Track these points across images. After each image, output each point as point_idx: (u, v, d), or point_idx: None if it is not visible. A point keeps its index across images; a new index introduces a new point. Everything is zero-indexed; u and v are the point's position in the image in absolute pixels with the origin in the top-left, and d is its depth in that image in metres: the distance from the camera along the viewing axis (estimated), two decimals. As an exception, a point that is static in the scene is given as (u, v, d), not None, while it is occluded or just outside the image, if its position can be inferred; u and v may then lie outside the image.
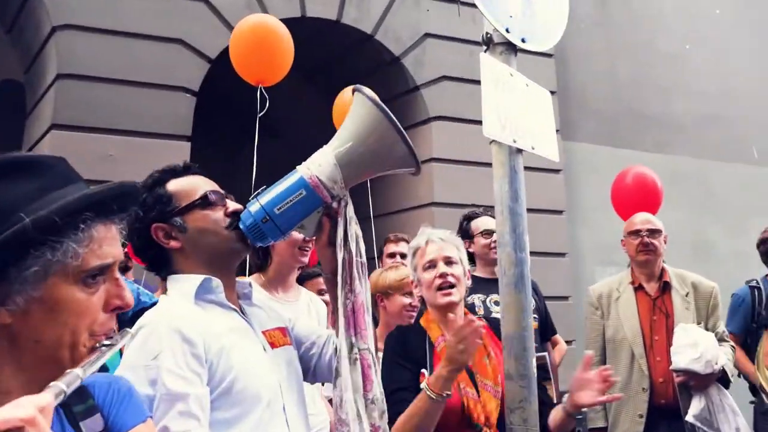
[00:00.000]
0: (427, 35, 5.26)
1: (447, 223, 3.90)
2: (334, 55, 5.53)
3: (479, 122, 1.51)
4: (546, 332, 3.05)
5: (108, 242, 0.77)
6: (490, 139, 1.62)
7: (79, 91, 4.31)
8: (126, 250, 1.57)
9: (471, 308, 2.74)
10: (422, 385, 1.62)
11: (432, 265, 1.84)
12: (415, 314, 2.39)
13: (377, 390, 1.23)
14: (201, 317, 1.16)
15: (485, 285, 2.83)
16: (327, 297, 2.02)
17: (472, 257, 2.99)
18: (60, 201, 0.73)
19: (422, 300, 1.90)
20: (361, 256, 1.27)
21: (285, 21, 3.65)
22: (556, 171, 5.64)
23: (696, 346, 2.52)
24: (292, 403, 1.24)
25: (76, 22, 4.34)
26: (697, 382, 2.55)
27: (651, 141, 6.47)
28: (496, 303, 2.74)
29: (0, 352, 0.73)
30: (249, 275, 2.27)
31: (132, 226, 1.21)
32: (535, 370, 1.55)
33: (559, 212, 5.64)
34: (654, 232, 2.82)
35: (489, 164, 1.70)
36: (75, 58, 4.32)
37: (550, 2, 1.81)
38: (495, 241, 2.58)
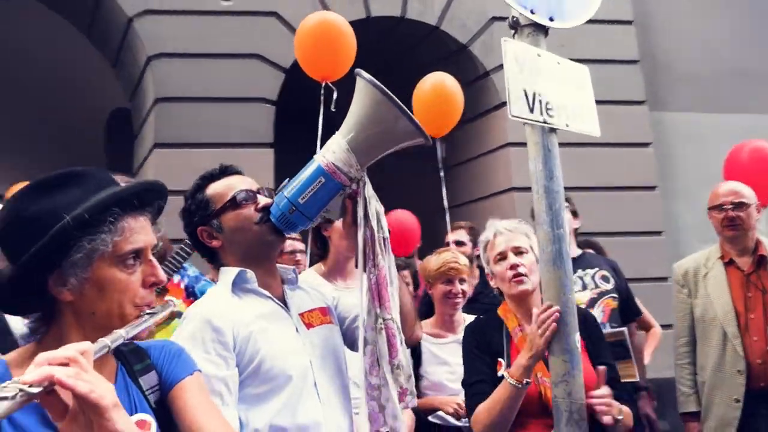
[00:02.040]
0: (494, 19, 5.18)
1: (528, 207, 3.85)
2: (401, 51, 5.61)
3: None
4: (628, 314, 2.94)
5: (137, 231, 0.95)
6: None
7: (175, 111, 4.75)
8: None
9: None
10: (502, 374, 1.69)
11: (502, 257, 1.88)
12: (459, 302, 2.45)
13: (402, 356, 1.33)
14: (234, 307, 1.32)
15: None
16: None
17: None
18: (92, 201, 0.92)
19: (500, 291, 1.95)
20: (383, 232, 1.36)
21: (351, 24, 3.81)
22: (645, 145, 5.34)
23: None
24: (325, 379, 1.36)
25: (167, 51, 4.80)
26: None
27: (759, 102, 5.88)
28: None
29: (68, 324, 0.94)
30: (311, 265, 2.42)
31: (185, 230, 1.40)
32: (578, 345, 1.54)
33: (652, 188, 5.32)
34: (740, 206, 2.62)
35: (567, 144, 1.71)
36: (169, 82, 4.77)
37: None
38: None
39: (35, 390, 0.70)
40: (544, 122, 1.61)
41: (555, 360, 1.54)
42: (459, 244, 3.43)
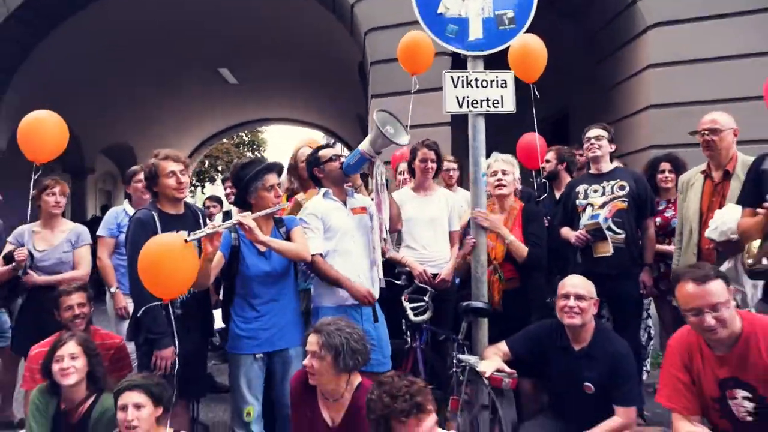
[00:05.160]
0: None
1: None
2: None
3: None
4: (641, 212, 3.89)
5: (272, 180, 3.04)
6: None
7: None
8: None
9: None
10: None
11: (494, 173, 3.50)
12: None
13: (385, 235, 3.19)
14: (322, 205, 3.28)
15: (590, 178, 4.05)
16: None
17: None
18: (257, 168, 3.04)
19: None
20: (381, 180, 3.16)
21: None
22: None
23: (716, 220, 3.23)
24: (359, 240, 3.27)
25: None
26: (722, 248, 3.25)
27: None
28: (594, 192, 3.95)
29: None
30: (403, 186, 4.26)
31: (307, 169, 3.44)
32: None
33: None
34: (714, 131, 3.42)
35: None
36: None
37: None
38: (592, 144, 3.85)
39: (233, 223, 2.84)
40: (469, 111, 3.11)
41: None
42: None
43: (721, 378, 2.24)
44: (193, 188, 24.49)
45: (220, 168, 26.20)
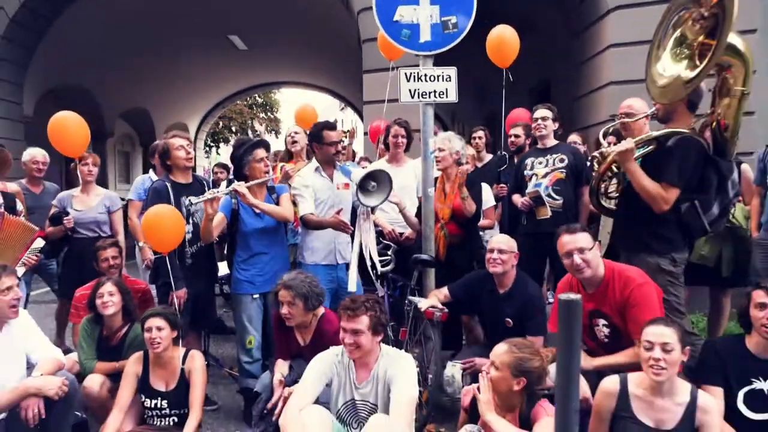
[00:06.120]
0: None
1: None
2: None
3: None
4: (577, 181, 4.59)
5: (261, 154, 3.83)
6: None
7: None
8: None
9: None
10: None
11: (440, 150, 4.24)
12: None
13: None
14: (312, 178, 4.00)
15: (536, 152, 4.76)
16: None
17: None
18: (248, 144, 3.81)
19: None
20: (364, 216, 3.88)
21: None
22: None
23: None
24: (342, 206, 3.98)
25: None
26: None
27: None
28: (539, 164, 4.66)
29: None
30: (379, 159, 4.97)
31: (308, 142, 4.18)
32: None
33: None
34: (629, 115, 4.06)
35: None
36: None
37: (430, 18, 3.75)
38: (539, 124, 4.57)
39: (229, 190, 3.64)
40: (419, 102, 3.82)
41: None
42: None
43: (588, 309, 3.01)
44: (207, 149, 25.33)
45: (233, 129, 26.93)
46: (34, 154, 5.24)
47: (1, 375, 2.99)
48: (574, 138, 5.73)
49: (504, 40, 5.29)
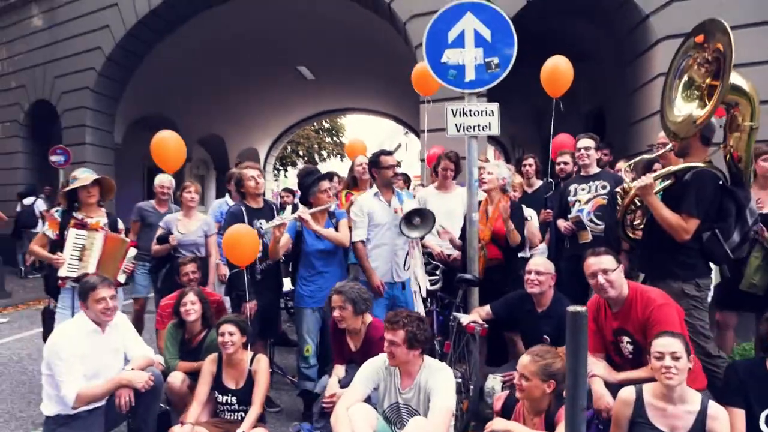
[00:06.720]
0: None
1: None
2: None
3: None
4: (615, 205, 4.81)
5: (325, 185, 4.32)
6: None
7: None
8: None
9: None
10: None
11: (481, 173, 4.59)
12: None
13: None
14: (370, 202, 4.46)
15: (579, 179, 5.02)
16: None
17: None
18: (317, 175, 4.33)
19: None
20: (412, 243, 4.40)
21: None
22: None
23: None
24: (395, 233, 4.37)
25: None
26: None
27: None
28: (582, 190, 4.91)
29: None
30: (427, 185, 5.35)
31: (369, 169, 4.66)
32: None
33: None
34: (665, 145, 4.28)
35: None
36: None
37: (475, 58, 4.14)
38: (582, 153, 4.86)
39: (294, 217, 4.13)
40: (464, 135, 4.20)
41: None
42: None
43: (613, 327, 3.25)
44: (276, 172, 26.56)
45: (301, 153, 28.08)
46: (162, 179, 5.84)
47: (105, 368, 3.57)
48: (621, 165, 5.90)
49: (558, 71, 5.59)
